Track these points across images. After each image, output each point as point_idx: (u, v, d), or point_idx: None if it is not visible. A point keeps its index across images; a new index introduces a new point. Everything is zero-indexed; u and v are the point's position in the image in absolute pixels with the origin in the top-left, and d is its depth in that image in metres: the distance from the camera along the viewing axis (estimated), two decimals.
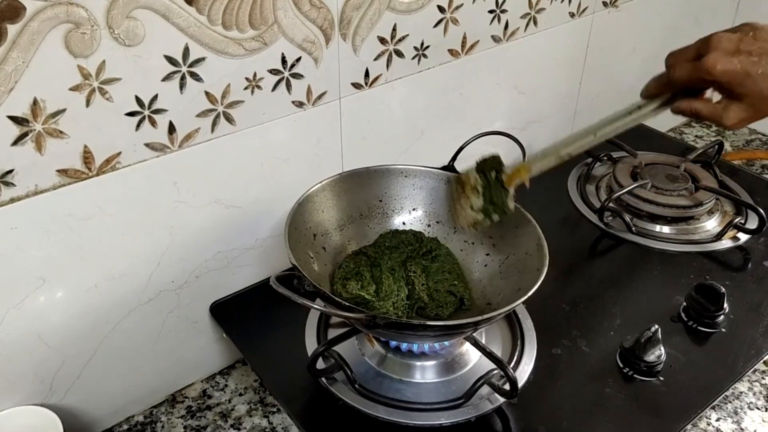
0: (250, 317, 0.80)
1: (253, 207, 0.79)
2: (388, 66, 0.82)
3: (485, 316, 0.62)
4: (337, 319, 0.79)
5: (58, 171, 0.63)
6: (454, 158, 0.82)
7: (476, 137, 0.84)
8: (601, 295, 0.86)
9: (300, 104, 0.77)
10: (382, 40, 0.80)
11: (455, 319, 0.71)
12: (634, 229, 0.95)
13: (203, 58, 0.66)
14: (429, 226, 0.82)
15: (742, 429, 0.76)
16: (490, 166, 0.72)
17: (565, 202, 1.02)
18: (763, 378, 0.82)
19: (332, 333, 0.77)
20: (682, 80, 0.60)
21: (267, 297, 0.81)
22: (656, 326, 0.75)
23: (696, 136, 1.33)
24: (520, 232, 0.75)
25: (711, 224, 0.98)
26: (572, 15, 1.02)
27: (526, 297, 0.63)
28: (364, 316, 0.60)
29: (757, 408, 0.79)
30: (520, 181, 0.70)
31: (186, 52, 0.65)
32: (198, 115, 0.69)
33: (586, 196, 1.03)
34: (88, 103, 0.61)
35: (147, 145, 0.67)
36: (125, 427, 0.79)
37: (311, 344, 0.76)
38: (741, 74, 0.56)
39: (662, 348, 0.75)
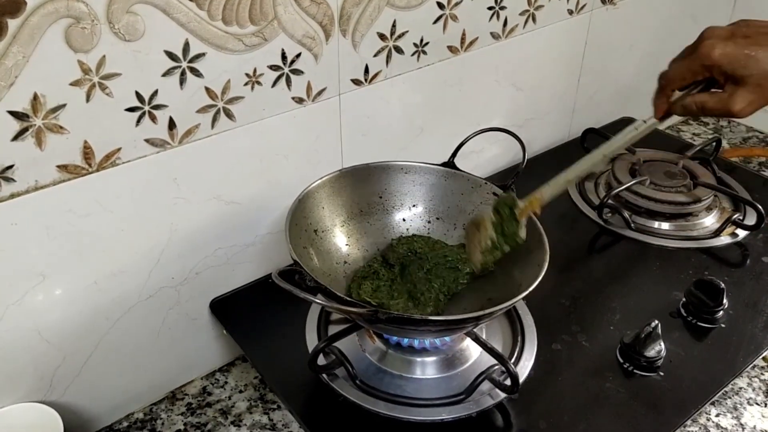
0: (250, 314, 0.80)
1: (252, 203, 0.79)
2: (387, 62, 0.83)
3: (486, 312, 0.62)
4: (337, 316, 0.79)
5: (58, 166, 0.63)
6: (453, 154, 0.82)
7: (476, 134, 0.84)
8: (601, 290, 0.86)
9: (300, 100, 0.77)
10: (382, 37, 0.80)
11: (456, 314, 0.71)
12: (633, 225, 0.95)
13: (203, 54, 0.67)
14: (429, 222, 0.82)
15: (741, 424, 0.77)
16: (505, 203, 0.73)
17: (565, 199, 1.02)
18: (762, 374, 0.83)
19: (333, 329, 0.77)
20: (681, 76, 0.59)
21: (267, 294, 0.82)
22: (656, 321, 0.75)
23: (693, 133, 1.34)
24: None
25: (709, 220, 0.98)
26: (570, 12, 1.02)
27: (526, 292, 0.63)
28: (366, 311, 0.61)
29: (757, 403, 0.79)
30: (531, 211, 0.71)
31: (186, 47, 0.65)
32: (198, 111, 0.69)
33: (585, 193, 1.04)
34: (88, 99, 0.61)
35: (147, 140, 0.67)
36: (125, 424, 0.79)
37: (312, 341, 0.76)
38: (740, 55, 0.54)
39: (662, 343, 0.75)
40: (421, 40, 0.85)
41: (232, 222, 0.78)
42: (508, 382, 0.68)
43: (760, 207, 0.96)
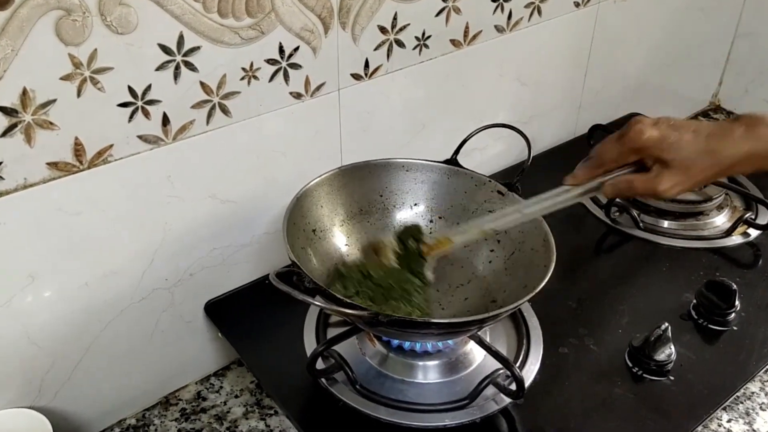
0: (246, 316, 0.80)
1: (249, 202, 0.78)
2: (388, 56, 0.82)
3: (491, 314, 0.62)
4: (336, 318, 0.79)
5: (48, 164, 0.62)
6: (457, 151, 0.82)
7: (480, 130, 0.84)
8: (609, 292, 0.86)
9: (298, 95, 0.76)
10: (383, 30, 0.80)
11: (459, 317, 0.71)
12: (641, 224, 0.95)
13: (198, 47, 0.66)
14: (431, 221, 0.82)
15: (754, 430, 0.76)
16: (408, 234, 0.74)
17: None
18: None
19: (332, 332, 0.77)
20: (613, 157, 0.63)
21: (263, 296, 0.82)
22: (666, 324, 0.75)
23: None
24: (526, 227, 0.74)
25: (720, 220, 0.98)
26: (577, 5, 1.02)
27: (533, 294, 0.63)
28: (367, 314, 0.60)
29: None
30: (441, 252, 0.72)
31: (180, 40, 0.65)
32: (193, 107, 0.68)
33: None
34: (79, 93, 0.61)
35: (140, 137, 0.66)
36: (117, 430, 0.78)
37: (310, 344, 0.75)
38: (664, 139, 0.59)
39: (672, 347, 0.75)
40: (423, 34, 0.84)
41: (227, 221, 0.78)
42: (513, 386, 0.68)
43: None
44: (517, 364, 0.74)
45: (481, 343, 0.72)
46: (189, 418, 0.79)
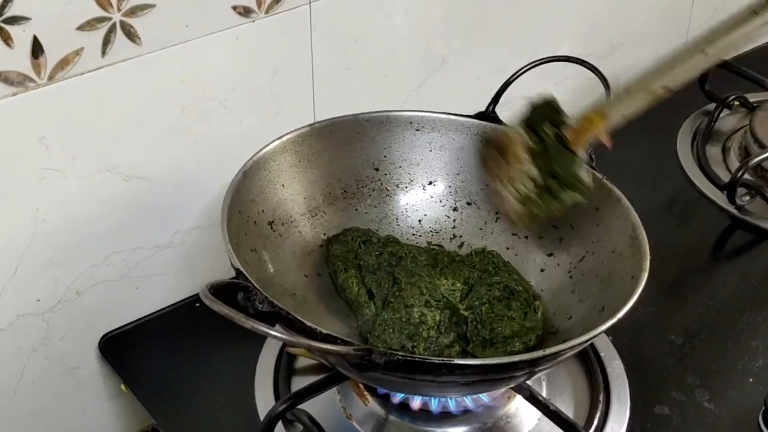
0: (164, 359, 0.80)
1: (169, 179, 0.79)
2: None
3: (548, 351, 0.62)
4: (306, 360, 0.79)
5: None
6: (494, 101, 0.81)
7: (531, 66, 0.83)
8: (733, 320, 0.86)
9: (246, 11, 0.76)
10: None
11: (496, 357, 0.70)
12: None
13: None
14: (455, 210, 0.82)
15: None
16: (543, 116, 0.74)
17: (674, 173, 1.02)
18: None
19: (299, 382, 0.77)
20: None
21: (192, 325, 0.82)
22: None
23: None
24: (603, 217, 0.75)
25: None
26: None
27: (613, 321, 0.63)
28: (353, 350, 0.59)
29: None
30: (593, 137, 0.71)
31: None
32: (80, 28, 0.68)
33: (706, 163, 1.04)
34: None
35: None
36: None
37: (265, 400, 0.76)
38: None
39: None
40: None
41: (135, 209, 0.78)
42: None
43: None
44: None
45: (533, 398, 0.72)
46: None
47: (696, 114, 1.11)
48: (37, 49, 0.67)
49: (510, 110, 0.82)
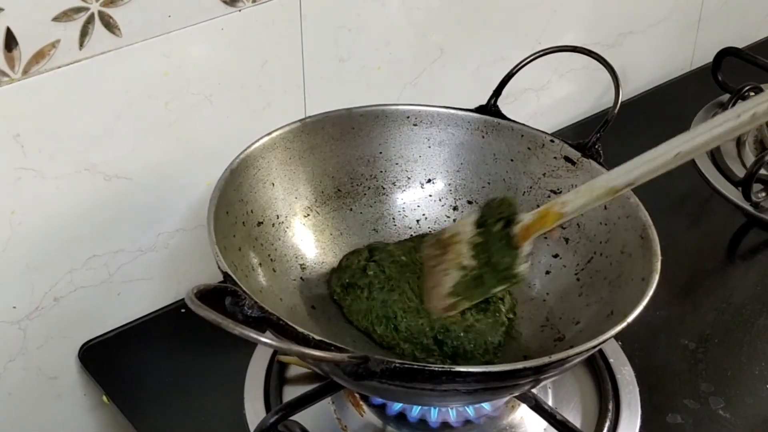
0: (148, 368, 0.80)
1: (152, 178, 0.78)
2: None
3: (554, 358, 0.61)
4: (298, 369, 0.78)
5: None
6: (496, 94, 0.81)
7: (535, 57, 0.82)
8: (749, 323, 0.85)
9: (232, 0, 0.76)
10: None
11: (502, 363, 0.69)
12: None
13: None
14: (455, 209, 0.82)
15: None
16: (496, 214, 0.74)
17: (686, 168, 0.99)
18: None
19: (291, 392, 0.76)
20: None
21: (178, 333, 0.82)
22: None
23: None
24: (612, 216, 0.74)
25: None
26: None
27: (623, 325, 0.62)
28: (348, 357, 0.58)
29: None
30: (543, 232, 0.72)
31: None
32: (56, 19, 0.68)
33: (720, 158, 1.03)
34: None
35: None
36: None
37: (255, 412, 0.75)
38: None
39: None
40: None
41: (116, 210, 0.77)
42: None
43: None
44: None
45: (539, 408, 0.71)
46: None
47: (709, 105, 1.11)
48: (10, 42, 0.66)
49: (512, 103, 0.83)
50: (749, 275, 0.91)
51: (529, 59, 0.82)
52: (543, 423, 0.72)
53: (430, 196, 0.82)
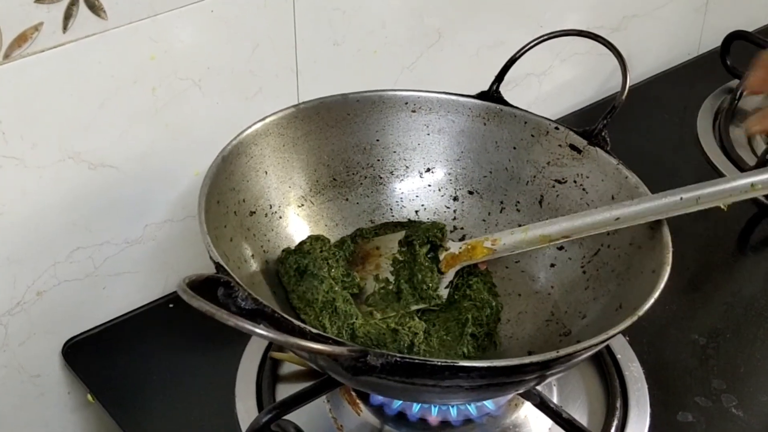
0: (135, 366, 0.79)
1: (139, 167, 0.78)
2: None
3: (561, 353, 0.60)
4: (293, 366, 0.78)
5: None
6: (498, 79, 0.80)
7: (537, 42, 0.81)
8: (762, 317, 0.85)
9: None
10: None
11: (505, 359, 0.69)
12: None
13: None
14: (455, 199, 0.82)
15: None
16: (424, 236, 0.77)
17: (695, 156, 1.01)
18: None
19: (285, 390, 0.76)
20: None
21: (166, 328, 0.82)
22: None
23: None
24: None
25: None
26: None
27: (632, 320, 0.62)
28: (347, 351, 0.57)
29: None
30: (465, 264, 0.75)
31: None
32: (39, 1, 0.67)
33: (730, 146, 1.02)
34: None
35: None
36: None
37: (247, 411, 0.75)
38: None
39: None
40: None
41: (101, 201, 0.77)
42: None
43: None
44: None
45: (544, 405, 0.71)
46: None
47: (717, 92, 1.11)
48: None
49: (514, 89, 0.82)
50: (760, 267, 0.91)
51: (532, 44, 0.82)
52: (548, 422, 0.72)
53: (429, 185, 0.82)
